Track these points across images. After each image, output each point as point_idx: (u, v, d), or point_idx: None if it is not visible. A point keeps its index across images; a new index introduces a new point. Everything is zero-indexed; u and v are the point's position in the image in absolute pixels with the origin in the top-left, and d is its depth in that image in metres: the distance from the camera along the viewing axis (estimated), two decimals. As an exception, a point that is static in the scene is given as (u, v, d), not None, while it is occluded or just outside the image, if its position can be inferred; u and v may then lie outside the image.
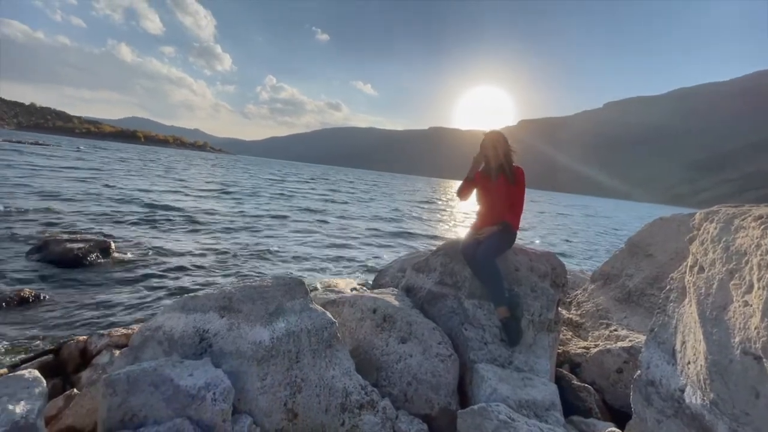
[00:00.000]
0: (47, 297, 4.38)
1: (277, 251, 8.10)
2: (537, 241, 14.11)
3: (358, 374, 2.27)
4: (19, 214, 8.41)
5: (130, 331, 2.99)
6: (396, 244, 10.91)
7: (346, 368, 2.23)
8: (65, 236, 6.09)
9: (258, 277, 2.92)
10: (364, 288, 6.53)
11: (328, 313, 2.39)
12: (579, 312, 3.50)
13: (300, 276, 6.33)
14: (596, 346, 2.92)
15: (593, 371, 2.72)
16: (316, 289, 4.36)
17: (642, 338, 2.69)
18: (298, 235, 10.44)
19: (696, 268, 1.55)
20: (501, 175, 2.88)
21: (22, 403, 1.46)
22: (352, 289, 4.91)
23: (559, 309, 2.86)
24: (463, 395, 2.46)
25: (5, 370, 2.67)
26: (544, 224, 21.51)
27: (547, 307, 2.71)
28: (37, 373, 1.60)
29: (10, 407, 1.43)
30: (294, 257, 7.82)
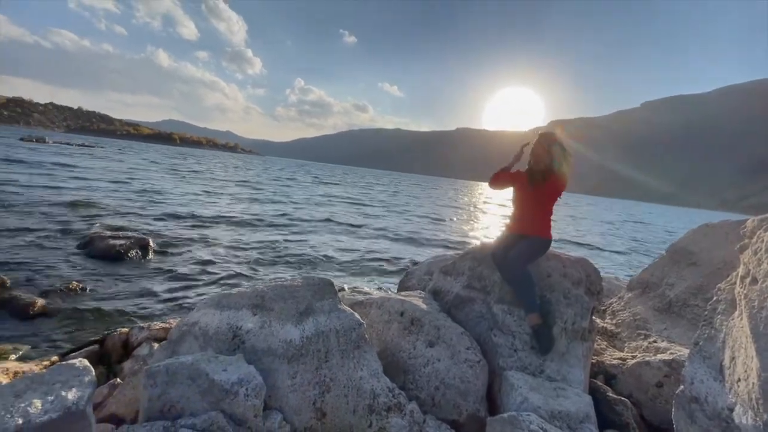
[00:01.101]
0: (92, 289, 4.66)
1: (307, 251, 8.25)
2: (569, 246, 13.64)
3: (386, 376, 2.27)
4: (69, 211, 9.01)
5: (167, 324, 3.13)
6: (422, 246, 10.86)
7: (373, 370, 2.24)
8: (108, 233, 6.47)
9: (289, 276, 2.97)
10: (390, 290, 6.54)
11: (356, 314, 2.42)
12: (614, 321, 3.35)
13: (327, 276, 6.44)
14: (633, 357, 2.79)
15: (630, 384, 2.60)
16: (342, 289, 4.41)
17: (684, 351, 2.55)
18: (328, 235, 10.59)
19: (748, 279, 1.46)
20: (544, 179, 2.79)
21: (74, 390, 1.55)
22: (377, 290, 4.93)
23: (594, 317, 2.75)
24: (492, 402, 2.42)
25: (57, 357, 2.87)
26: (576, 229, 20.79)
27: (581, 315, 2.62)
28: (86, 362, 1.69)
29: (63, 393, 1.52)
30: (323, 257, 7.93)
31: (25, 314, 3.80)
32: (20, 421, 1.39)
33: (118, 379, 2.43)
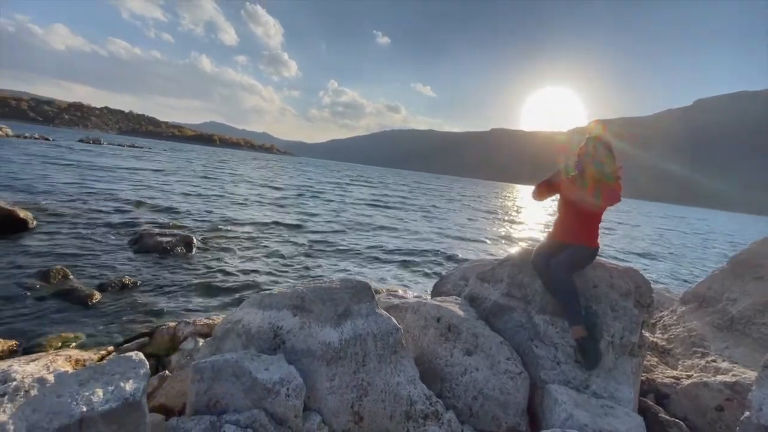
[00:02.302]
0: (141, 284, 4.95)
1: (343, 252, 8.36)
2: (616, 255, 12.95)
3: (422, 383, 2.25)
4: (121, 208, 9.65)
5: (210, 320, 3.27)
6: (456, 250, 10.70)
7: (411, 376, 2.22)
8: (156, 230, 6.87)
9: (327, 277, 3.01)
10: (427, 295, 6.49)
11: (393, 319, 2.41)
12: (666, 336, 3.14)
13: (361, 277, 6.48)
14: (689, 377, 2.59)
15: (685, 405, 2.42)
16: (378, 292, 4.42)
17: (750, 374, 2.34)
18: (364, 237, 10.68)
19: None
20: (593, 185, 2.66)
21: (131, 381, 1.64)
22: (415, 296, 4.90)
23: (643, 332, 2.59)
24: (532, 416, 2.33)
25: (112, 347, 3.06)
26: (623, 235, 19.72)
27: (629, 329, 2.47)
28: (142, 355, 1.79)
29: (122, 384, 1.62)
30: (358, 259, 8.00)
31: (84, 304, 4.10)
32: (84, 409, 1.49)
33: (167, 372, 2.56)
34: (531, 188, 3.05)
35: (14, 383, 1.54)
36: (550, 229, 3.00)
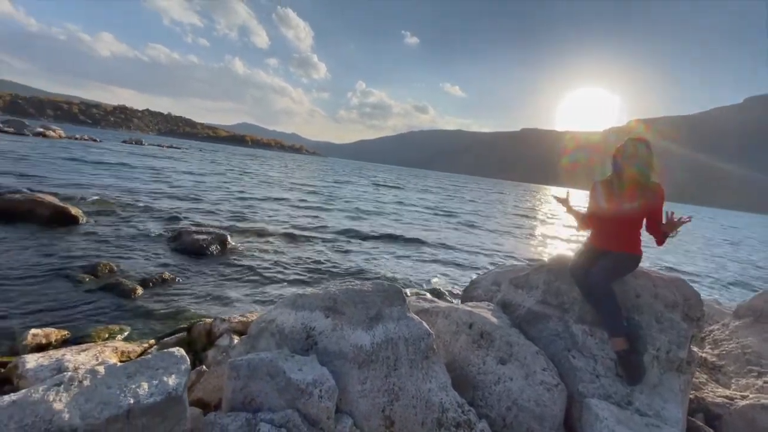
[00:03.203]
0: (179, 280, 5.17)
1: (374, 254, 8.40)
2: (659, 263, 12.29)
3: (454, 390, 2.21)
4: (161, 206, 10.14)
5: (244, 318, 3.36)
6: (486, 254, 10.51)
7: (442, 383, 2.19)
8: (193, 228, 7.16)
9: (358, 280, 3.03)
10: (456, 299, 6.40)
11: (425, 324, 2.38)
12: (716, 352, 2.93)
13: (388, 280, 6.47)
14: (744, 397, 2.41)
15: (740, 428, 2.25)
16: (407, 295, 4.38)
17: (815, 398, 2.15)
18: (392, 238, 10.69)
19: None
20: (631, 190, 2.53)
21: (173, 376, 1.71)
22: (440, 298, 4.84)
23: (692, 347, 2.43)
24: (569, 430, 2.24)
25: (153, 341, 3.22)
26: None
27: (677, 344, 2.33)
28: (183, 352, 1.86)
29: (165, 379, 1.69)
30: (387, 261, 8.01)
31: (128, 298, 4.33)
32: (131, 401, 1.56)
33: (204, 367, 2.65)
34: (564, 190, 2.95)
35: (69, 373, 1.63)
36: (588, 235, 2.88)
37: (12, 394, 1.55)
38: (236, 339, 2.96)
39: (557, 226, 19.36)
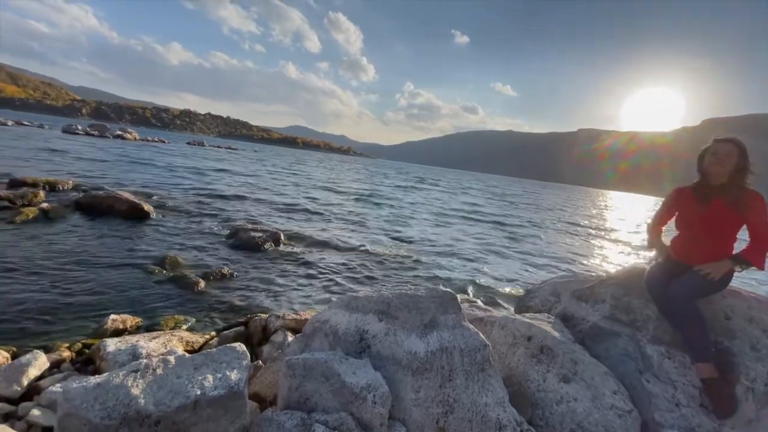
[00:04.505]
0: (237, 275, 5.45)
1: (423, 257, 8.32)
2: (746, 281, 10.93)
3: (512, 407, 2.09)
4: (221, 205, 10.82)
5: (297, 316, 3.45)
6: (542, 262, 10.02)
7: (499, 398, 2.08)
8: (249, 226, 7.54)
9: (410, 283, 2.99)
10: (504, 306, 6.15)
11: (481, 334, 2.28)
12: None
13: (441, 284, 6.37)
14: None
15: None
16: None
17: None
18: (442, 242, 10.56)
19: None
20: (720, 197, 2.26)
21: (235, 371, 1.77)
22: (489, 306, 4.65)
23: (797, 380, 2.10)
24: (642, 462, 2.03)
25: (214, 333, 3.40)
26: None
27: (778, 376, 2.03)
28: (244, 347, 1.93)
29: (228, 373, 1.75)
30: (436, 266, 7.88)
31: (191, 290, 4.64)
32: (198, 392, 1.63)
33: (260, 362, 2.75)
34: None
35: (144, 361, 1.74)
36: (668, 247, 2.61)
37: (97, 376, 1.68)
38: (290, 336, 3.04)
39: (619, 234, 17.89)
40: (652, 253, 2.74)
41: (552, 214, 24.52)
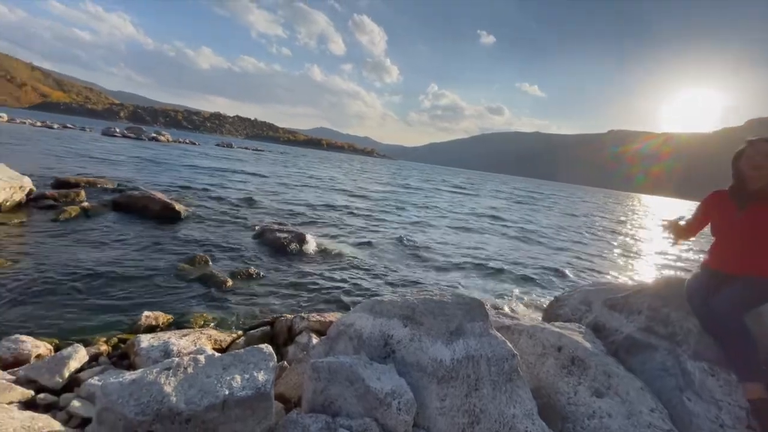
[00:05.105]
0: (263, 275, 5.57)
1: (448, 262, 8.24)
2: None
3: (541, 420, 2.02)
4: (248, 206, 11.10)
5: (322, 318, 3.48)
6: (571, 269, 9.71)
7: (528, 409, 2.02)
8: (275, 226, 7.69)
9: (435, 288, 2.94)
10: (529, 313, 5.99)
11: (509, 343, 2.22)
12: None
13: (463, 290, 6.27)
14: None
15: None
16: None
17: None
18: (466, 246, 10.43)
19: None
20: (757, 201, 2.11)
21: (262, 372, 1.79)
22: (511, 313, 4.54)
23: None
24: (682, 485, 1.92)
25: (241, 332, 3.48)
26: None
27: (838, 400, 1.87)
28: (271, 348, 1.95)
29: (255, 374, 1.78)
30: (461, 270, 7.77)
31: (220, 289, 4.77)
32: (227, 392, 1.66)
33: (285, 362, 2.79)
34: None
35: (176, 359, 1.79)
36: (705, 256, 2.46)
37: (132, 372, 1.75)
38: (314, 337, 3.07)
39: (652, 242, 17.02)
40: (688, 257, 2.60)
41: (579, 220, 23.75)
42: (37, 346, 2.74)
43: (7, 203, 6.58)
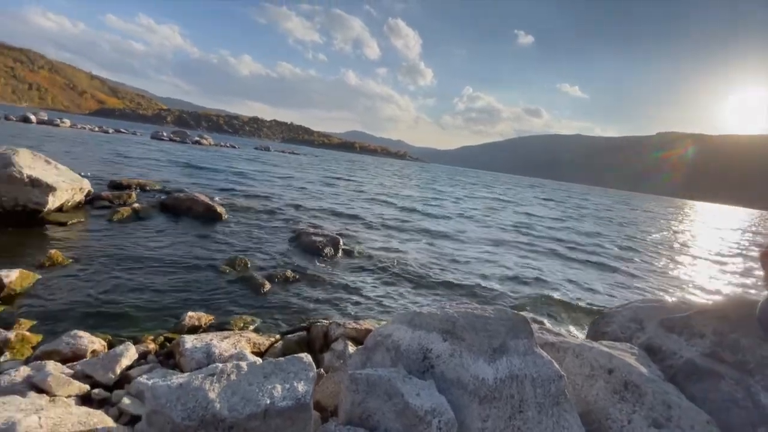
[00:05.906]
0: (299, 279, 5.66)
1: (483, 270, 8.03)
2: None
3: (592, 449, 1.89)
4: (284, 209, 11.39)
5: (357, 325, 3.48)
6: (619, 283, 9.20)
7: (577, 437, 1.89)
8: (311, 230, 7.82)
9: (473, 299, 2.85)
10: (569, 328, 5.72)
11: (555, 363, 2.10)
12: None
13: (502, 305, 6.06)
14: None
15: None
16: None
17: None
18: (511, 258, 10.13)
19: None
20: None
21: (302, 383, 1.79)
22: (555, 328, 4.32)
23: None
24: None
25: (278, 336, 3.54)
26: None
27: None
28: (310, 358, 1.95)
29: (295, 384, 1.78)
30: (500, 284, 7.52)
31: (258, 292, 4.90)
32: (268, 402, 1.67)
33: (322, 369, 2.79)
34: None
35: (220, 366, 1.83)
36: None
37: (179, 375, 1.80)
38: (350, 345, 3.06)
39: (715, 256, 15.34)
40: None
41: (624, 229, 22.45)
42: (92, 342, 2.91)
43: (69, 203, 7.11)
